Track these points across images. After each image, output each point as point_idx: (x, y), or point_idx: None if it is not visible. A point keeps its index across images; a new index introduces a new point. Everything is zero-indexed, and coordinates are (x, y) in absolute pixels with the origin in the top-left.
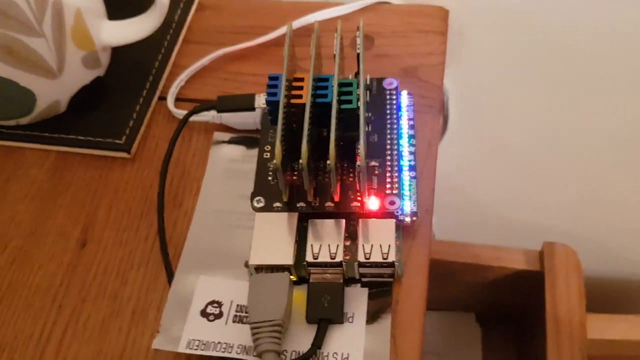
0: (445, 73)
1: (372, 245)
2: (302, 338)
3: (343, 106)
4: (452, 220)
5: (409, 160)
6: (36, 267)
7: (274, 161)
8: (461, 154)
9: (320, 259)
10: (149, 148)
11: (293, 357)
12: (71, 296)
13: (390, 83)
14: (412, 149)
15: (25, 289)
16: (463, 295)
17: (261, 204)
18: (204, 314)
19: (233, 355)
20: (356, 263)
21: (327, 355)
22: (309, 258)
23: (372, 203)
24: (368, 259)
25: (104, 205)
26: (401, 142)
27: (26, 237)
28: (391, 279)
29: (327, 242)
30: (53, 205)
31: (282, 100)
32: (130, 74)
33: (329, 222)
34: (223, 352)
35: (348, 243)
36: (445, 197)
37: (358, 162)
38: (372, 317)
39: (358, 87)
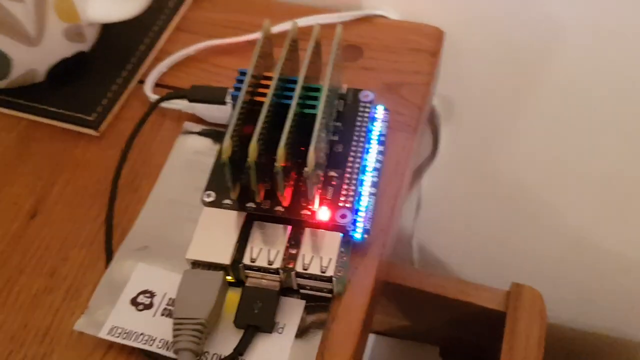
0: (437, 95)
1: (312, 256)
2: (227, 342)
3: (306, 110)
4: (434, 248)
5: (372, 176)
6: None
7: (222, 156)
8: (450, 181)
9: (257, 263)
10: (119, 129)
11: (212, 358)
12: (9, 265)
13: (366, 95)
14: (378, 165)
15: None
16: (429, 327)
17: (211, 199)
18: (134, 302)
19: (153, 349)
20: (293, 272)
21: None
22: (246, 260)
23: (323, 213)
24: (306, 269)
25: (62, 179)
26: (367, 156)
27: None
28: (330, 295)
29: (268, 247)
30: (13, 172)
31: (241, 95)
32: (114, 53)
33: (275, 227)
34: (144, 344)
35: (294, 251)
36: (429, 224)
37: (306, 168)
38: (303, 331)
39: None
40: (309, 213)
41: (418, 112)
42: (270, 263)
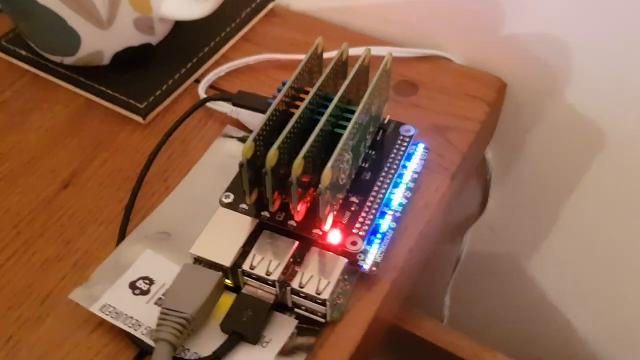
0: (492, 149)
1: (312, 276)
2: (209, 343)
3: (336, 130)
4: (467, 309)
5: (396, 211)
6: (16, 192)
7: (242, 157)
8: (493, 243)
9: (255, 271)
10: (165, 121)
11: (190, 357)
12: (32, 227)
13: (407, 130)
14: (405, 201)
15: None
16: None
17: (228, 200)
18: (132, 285)
19: (137, 334)
20: (289, 288)
21: None
22: (245, 266)
23: (334, 236)
24: (302, 287)
25: (100, 158)
26: (395, 190)
27: (22, 163)
28: (323, 320)
29: (270, 257)
30: (59, 143)
31: (275, 102)
32: (179, 49)
33: (283, 240)
34: (130, 327)
35: (295, 267)
36: (466, 283)
37: (320, 185)
38: (288, 351)
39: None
40: (320, 233)
41: (460, 158)
42: (268, 274)
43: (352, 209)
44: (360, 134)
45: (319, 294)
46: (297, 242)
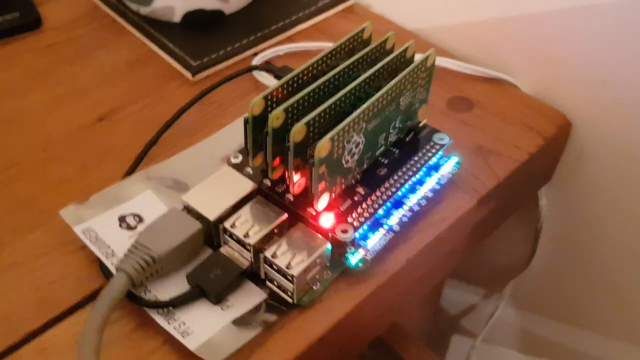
0: (548, 196)
1: (289, 249)
2: (171, 290)
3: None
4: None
5: (404, 216)
6: (57, 115)
7: (248, 111)
8: (537, 301)
9: (235, 231)
10: (212, 82)
11: (149, 297)
12: (58, 148)
13: (441, 138)
14: (417, 208)
15: (30, 118)
16: None
17: (235, 161)
18: (122, 219)
19: (107, 263)
20: (262, 256)
21: (176, 319)
22: (226, 224)
23: (326, 219)
24: (274, 258)
25: (142, 102)
26: (411, 195)
27: (72, 91)
28: (291, 300)
29: (255, 222)
30: (110, 82)
31: (300, 69)
32: (248, 22)
33: (272, 209)
34: (103, 255)
35: (277, 239)
36: (498, 338)
37: (314, 156)
38: (246, 322)
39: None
40: (313, 213)
41: (494, 184)
42: (246, 236)
43: (355, 198)
44: (381, 123)
45: (288, 269)
46: (286, 215)
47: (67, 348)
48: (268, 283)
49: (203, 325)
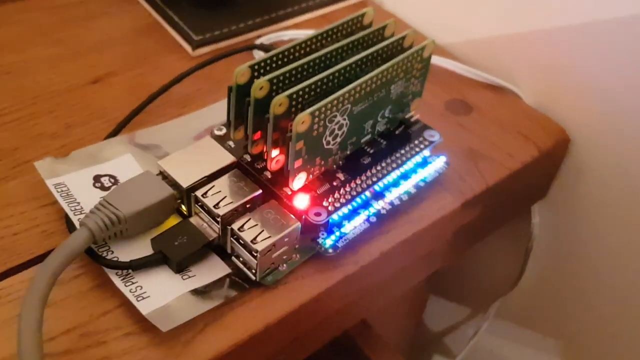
0: (540, 214)
1: (257, 225)
2: (133, 253)
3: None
4: None
5: (383, 208)
6: (53, 71)
7: (233, 80)
8: (522, 321)
9: (206, 200)
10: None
11: (111, 257)
12: (47, 103)
13: (432, 135)
14: (397, 202)
15: (26, 73)
16: None
17: (219, 133)
18: (96, 178)
19: (74, 219)
20: (229, 229)
21: (134, 282)
22: (198, 193)
23: (300, 200)
24: (241, 231)
25: (138, 70)
26: (392, 189)
27: (71, 51)
28: (254, 278)
29: (227, 194)
30: (110, 47)
31: (291, 45)
32: (259, 7)
33: (247, 183)
34: (71, 211)
35: (248, 214)
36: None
37: (292, 130)
38: (202, 293)
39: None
40: (288, 192)
41: (482, 188)
42: (216, 206)
43: (334, 183)
44: (368, 108)
45: (253, 243)
46: (260, 191)
47: (20, 300)
48: (234, 258)
49: (160, 291)
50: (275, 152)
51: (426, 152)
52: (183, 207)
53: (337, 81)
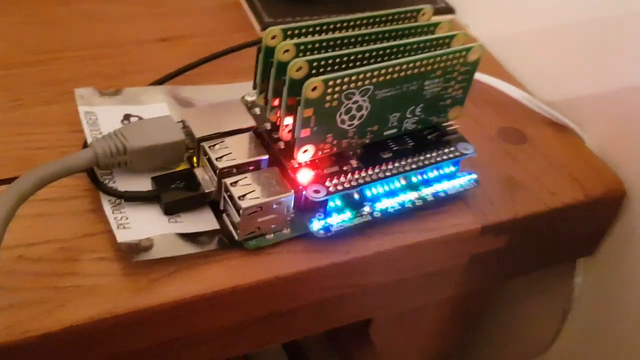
0: (584, 274)
1: (251, 184)
2: (131, 185)
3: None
4: None
5: (392, 207)
6: (126, 23)
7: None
8: None
9: (210, 153)
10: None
11: (111, 185)
12: (109, 47)
13: (466, 148)
14: (410, 205)
15: (101, 20)
16: None
17: (249, 98)
18: (126, 116)
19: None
20: (224, 183)
21: (122, 212)
22: (206, 144)
23: (304, 175)
24: (232, 186)
25: (205, 39)
26: (408, 191)
27: (151, 11)
28: (236, 237)
29: (234, 152)
30: (191, 15)
31: (346, 18)
32: (342, 4)
33: (257, 147)
34: (92, 138)
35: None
36: None
37: (302, 95)
38: (183, 238)
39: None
40: (295, 165)
41: (509, 219)
42: (218, 159)
43: (344, 168)
44: (395, 98)
45: (240, 200)
46: (267, 156)
47: None
48: (224, 216)
49: (142, 227)
50: (288, 120)
51: (455, 165)
52: (195, 159)
53: (366, 62)
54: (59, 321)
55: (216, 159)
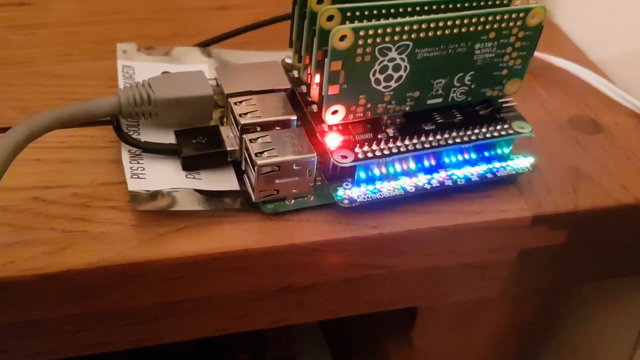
0: None
1: (272, 142)
2: (155, 136)
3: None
4: None
5: (429, 183)
6: None
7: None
8: None
9: (236, 108)
10: None
11: (135, 137)
12: (166, 12)
13: (522, 127)
14: (449, 184)
15: None
16: None
17: (289, 61)
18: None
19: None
20: (244, 140)
21: (139, 162)
22: (233, 99)
23: (332, 139)
24: (252, 142)
25: (263, 10)
26: (450, 168)
27: None
28: (253, 199)
29: (261, 110)
30: None
31: None
32: None
33: (286, 106)
34: (122, 85)
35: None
36: None
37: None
38: (197, 196)
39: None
40: (325, 129)
41: (567, 209)
42: (242, 115)
43: (379, 136)
44: (440, 61)
45: (257, 156)
46: (295, 116)
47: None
48: (244, 177)
49: (157, 178)
50: (318, 78)
51: (508, 145)
52: (226, 119)
53: (408, 17)
54: (57, 263)
55: (240, 114)
